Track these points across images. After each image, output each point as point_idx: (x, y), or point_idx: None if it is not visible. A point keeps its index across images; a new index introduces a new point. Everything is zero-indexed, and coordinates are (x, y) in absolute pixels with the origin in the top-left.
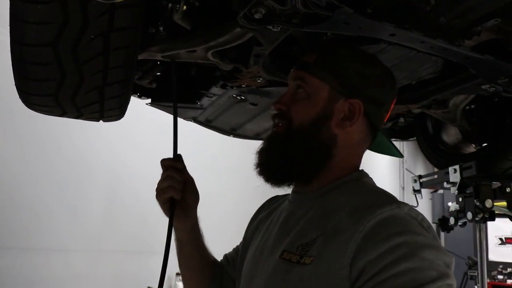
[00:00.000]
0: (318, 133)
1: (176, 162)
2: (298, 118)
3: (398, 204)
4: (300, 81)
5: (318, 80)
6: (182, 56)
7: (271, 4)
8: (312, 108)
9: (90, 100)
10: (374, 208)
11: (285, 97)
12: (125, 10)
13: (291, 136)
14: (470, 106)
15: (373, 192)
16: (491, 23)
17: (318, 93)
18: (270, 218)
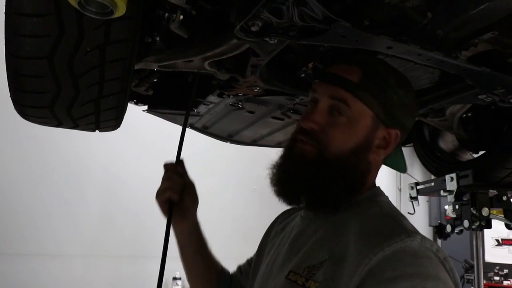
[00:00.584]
0: (357, 162)
1: (177, 166)
2: (337, 145)
3: (409, 234)
4: (341, 103)
5: (362, 105)
6: (178, 66)
7: (268, 17)
8: (353, 135)
9: (86, 112)
10: (382, 239)
11: (317, 115)
12: (122, 22)
13: (326, 163)
14: (467, 114)
15: (384, 217)
16: (488, 35)
17: (361, 119)
18: (283, 233)
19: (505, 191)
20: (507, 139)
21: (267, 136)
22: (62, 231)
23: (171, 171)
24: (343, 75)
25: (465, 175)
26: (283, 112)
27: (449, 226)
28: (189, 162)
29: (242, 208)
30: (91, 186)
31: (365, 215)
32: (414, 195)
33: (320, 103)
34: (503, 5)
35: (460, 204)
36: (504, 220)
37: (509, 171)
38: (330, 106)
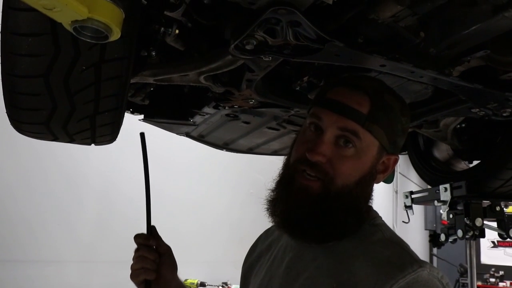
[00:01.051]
0: (362, 192)
1: (148, 240)
2: (344, 178)
3: (420, 264)
4: (352, 135)
5: (371, 137)
6: (174, 80)
7: (262, 36)
8: (360, 167)
9: (82, 127)
10: (395, 269)
11: (324, 147)
12: (117, 41)
13: (332, 197)
14: (461, 125)
15: (389, 244)
16: (481, 53)
17: (369, 150)
18: (271, 252)
19: (498, 201)
20: (500, 150)
21: (263, 145)
22: (58, 237)
23: (142, 248)
24: (353, 106)
25: (458, 185)
26: (278, 123)
27: (443, 235)
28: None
29: (239, 212)
30: (88, 192)
31: (369, 242)
32: (408, 204)
33: (326, 134)
34: (494, 26)
35: (454, 214)
36: (497, 230)
37: (502, 182)
38: (337, 136)
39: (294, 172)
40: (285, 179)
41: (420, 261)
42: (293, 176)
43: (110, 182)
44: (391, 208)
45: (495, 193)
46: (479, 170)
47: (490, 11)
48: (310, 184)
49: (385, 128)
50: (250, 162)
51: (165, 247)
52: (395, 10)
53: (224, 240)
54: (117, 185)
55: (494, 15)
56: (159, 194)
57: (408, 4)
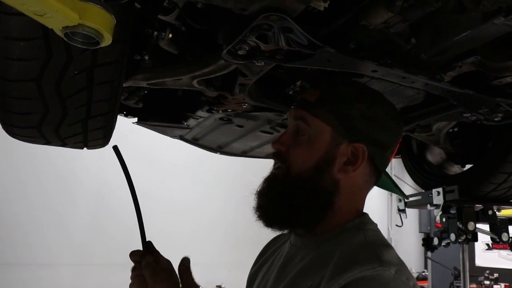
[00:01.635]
0: (319, 179)
1: (145, 256)
2: (298, 163)
3: (382, 264)
4: (301, 122)
5: (320, 122)
6: (167, 84)
7: (254, 42)
8: (313, 152)
9: (74, 131)
10: (355, 265)
11: (284, 137)
12: (110, 45)
13: (290, 182)
14: (454, 129)
15: (365, 247)
16: (471, 59)
17: (319, 136)
18: (273, 258)
19: (490, 205)
20: (492, 154)
21: (257, 148)
22: (52, 240)
23: (138, 268)
24: (303, 97)
25: (451, 190)
26: (272, 126)
27: (436, 239)
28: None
29: (233, 214)
30: (82, 194)
31: (349, 243)
32: (402, 207)
33: (288, 126)
34: (484, 33)
35: (447, 217)
36: (490, 234)
37: (494, 186)
38: (295, 127)
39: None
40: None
41: (386, 262)
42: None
43: (104, 184)
44: (385, 211)
45: (487, 197)
46: (471, 174)
47: (479, 18)
48: (276, 171)
49: (335, 114)
50: (244, 164)
51: (165, 262)
52: (386, 16)
53: (218, 243)
54: (111, 187)
55: (483, 22)
56: (154, 196)
57: (398, 11)
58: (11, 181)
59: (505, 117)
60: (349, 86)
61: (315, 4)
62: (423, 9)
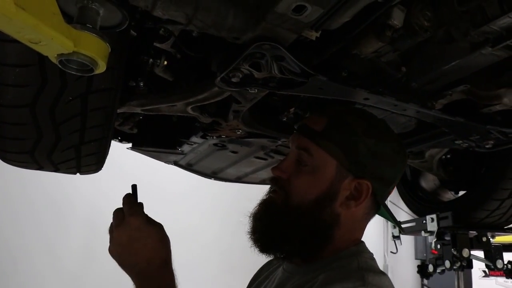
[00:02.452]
0: (320, 214)
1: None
2: (299, 195)
3: (364, 283)
4: (304, 152)
5: (325, 153)
6: (162, 110)
7: (248, 70)
8: (316, 185)
9: (67, 157)
10: (338, 281)
11: (285, 164)
12: (104, 72)
13: (288, 212)
14: (446, 156)
15: (354, 271)
16: (461, 88)
17: (324, 168)
18: (265, 283)
19: (484, 232)
20: (485, 181)
21: (251, 174)
22: (43, 267)
23: None
24: (308, 125)
25: (445, 216)
26: (266, 152)
27: (431, 266)
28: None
29: (229, 241)
30: (74, 221)
31: (339, 269)
32: (396, 234)
33: (290, 153)
34: (472, 62)
35: (442, 244)
36: (484, 261)
37: (488, 213)
38: (297, 155)
39: (268, 192)
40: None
41: (370, 284)
42: (266, 195)
43: (97, 212)
44: (381, 238)
45: (481, 224)
46: (465, 200)
47: (467, 48)
48: (272, 195)
49: (341, 146)
50: (240, 191)
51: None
52: (376, 46)
53: (213, 270)
54: (104, 214)
55: (471, 52)
56: None
57: (389, 41)
58: (2, 206)
59: (496, 144)
60: (358, 117)
61: (306, 34)
62: (412, 39)
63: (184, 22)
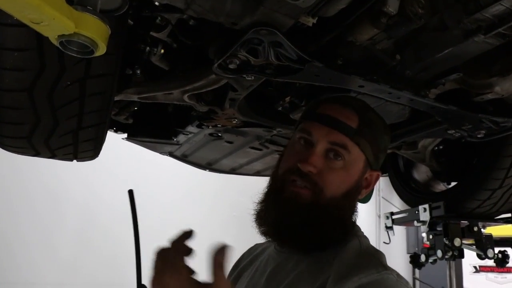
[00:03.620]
0: (348, 205)
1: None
2: (332, 190)
3: (386, 268)
4: (341, 148)
5: (358, 150)
6: (158, 98)
7: (245, 56)
8: (348, 180)
9: (64, 142)
10: (360, 270)
11: (315, 158)
12: (102, 58)
13: (320, 207)
14: (439, 147)
15: (363, 253)
16: (454, 76)
17: (356, 164)
18: (252, 266)
19: (476, 221)
20: (476, 171)
21: (246, 165)
22: (39, 259)
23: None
24: (343, 120)
25: (437, 206)
26: (261, 143)
27: (423, 256)
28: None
29: (220, 234)
30: (69, 207)
31: (347, 249)
32: (389, 224)
33: (317, 146)
34: (465, 50)
35: (434, 234)
36: (475, 250)
37: (479, 202)
38: (327, 149)
39: (284, 182)
40: (274, 189)
41: (388, 268)
42: (282, 186)
43: (89, 205)
44: (373, 232)
45: (472, 214)
46: (457, 191)
47: (461, 36)
48: (300, 192)
49: (370, 143)
50: (231, 184)
51: None
52: (371, 33)
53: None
54: (101, 199)
55: (464, 40)
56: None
57: (383, 28)
58: None
59: (488, 134)
60: (376, 114)
61: (303, 20)
62: (406, 26)
63: (182, 7)
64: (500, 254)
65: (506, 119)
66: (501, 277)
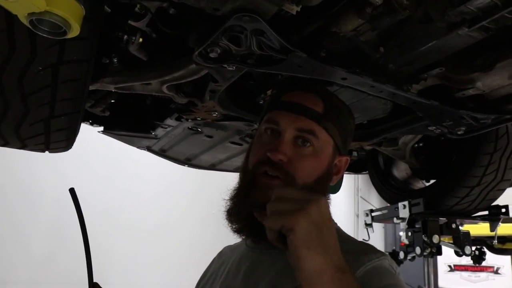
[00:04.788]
0: (322, 191)
1: None
2: (304, 177)
3: (382, 253)
4: (309, 134)
5: (326, 135)
6: (136, 88)
7: (226, 45)
8: (319, 165)
9: (35, 132)
10: (360, 256)
11: (284, 146)
12: (77, 43)
13: None
14: (419, 144)
15: (348, 241)
16: (436, 71)
17: (325, 149)
18: (223, 269)
19: (454, 219)
20: (456, 169)
21: (226, 161)
22: (11, 249)
23: None
24: (309, 106)
25: (417, 203)
26: (241, 137)
27: (402, 253)
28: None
29: (211, 237)
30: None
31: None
32: (369, 222)
33: (285, 134)
34: (448, 44)
35: (413, 231)
36: (453, 247)
37: (458, 200)
38: (295, 136)
39: (254, 175)
40: (245, 184)
41: (381, 252)
42: (253, 178)
43: (62, 202)
44: (352, 231)
45: (451, 211)
46: (436, 188)
47: (445, 29)
48: (272, 182)
49: (337, 127)
50: (211, 181)
51: None
52: (356, 23)
53: (180, 263)
54: (69, 206)
55: (448, 33)
56: (114, 217)
57: (368, 18)
58: None
59: (468, 130)
60: (338, 98)
61: (287, 8)
62: (391, 17)
63: None
64: (477, 251)
65: (486, 115)
66: (474, 276)
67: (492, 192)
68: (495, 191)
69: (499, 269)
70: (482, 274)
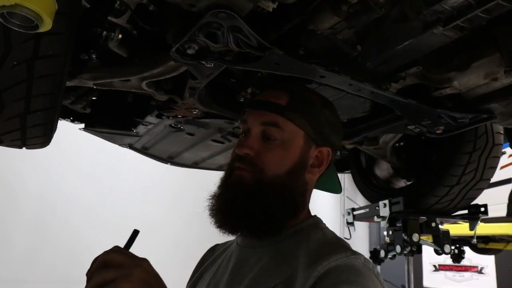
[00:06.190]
0: (295, 183)
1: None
2: (273, 168)
3: (354, 253)
4: (273, 127)
5: (293, 126)
6: (115, 85)
7: (204, 41)
8: (288, 157)
9: (11, 127)
10: (330, 255)
11: (251, 141)
12: (52, 37)
13: (265, 188)
14: (400, 144)
15: (329, 242)
16: (414, 70)
17: (294, 140)
18: (215, 265)
19: (434, 217)
20: (435, 168)
21: (208, 159)
22: None
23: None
24: (271, 100)
25: (396, 201)
26: (223, 135)
27: (382, 252)
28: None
29: (195, 235)
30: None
31: (311, 240)
32: (350, 220)
33: (252, 130)
34: (424, 42)
35: (393, 230)
36: (433, 245)
37: (437, 199)
38: (262, 132)
39: (230, 171)
40: (222, 179)
41: (356, 252)
42: (228, 174)
43: (45, 199)
44: (338, 230)
45: (431, 210)
46: (416, 187)
47: (420, 28)
48: (242, 174)
49: (307, 118)
50: (194, 179)
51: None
52: (332, 21)
53: (165, 262)
54: (52, 203)
55: (424, 31)
56: (98, 214)
57: (344, 16)
58: None
59: (446, 130)
60: (311, 91)
61: (263, 5)
62: (367, 15)
63: None
64: (456, 249)
65: (464, 114)
66: (459, 276)
67: (471, 191)
68: (474, 190)
69: (483, 269)
70: (466, 273)
